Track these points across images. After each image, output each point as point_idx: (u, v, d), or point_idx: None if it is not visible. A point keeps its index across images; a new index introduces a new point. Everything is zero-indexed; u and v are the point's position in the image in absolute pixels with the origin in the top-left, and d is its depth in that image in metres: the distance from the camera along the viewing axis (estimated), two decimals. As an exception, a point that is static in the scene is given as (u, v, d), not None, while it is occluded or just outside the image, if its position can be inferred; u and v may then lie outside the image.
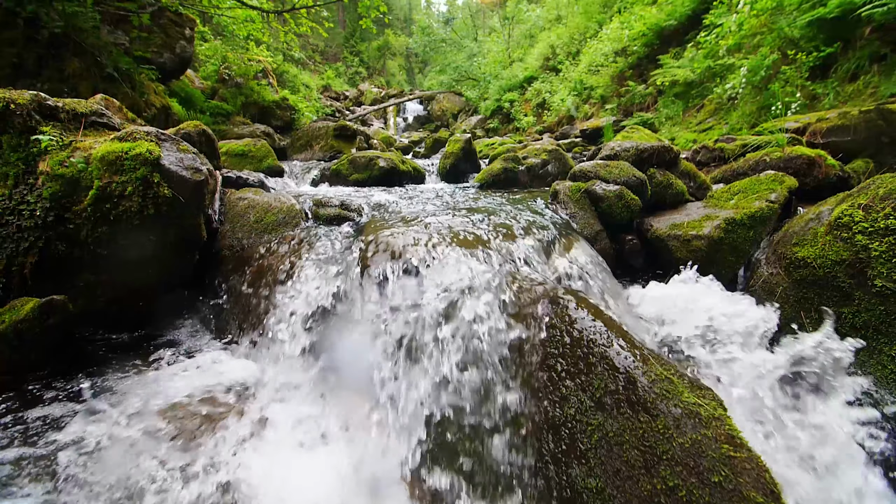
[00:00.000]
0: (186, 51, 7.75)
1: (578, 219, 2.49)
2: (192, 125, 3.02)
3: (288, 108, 10.49)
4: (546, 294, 1.22)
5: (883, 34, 4.80)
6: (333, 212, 2.63)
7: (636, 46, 9.52)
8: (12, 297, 1.85)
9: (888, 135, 3.01)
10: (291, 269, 2.05)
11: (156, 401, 1.62)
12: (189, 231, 2.14)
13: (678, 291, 2.02)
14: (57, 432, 1.49)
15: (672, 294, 2.01)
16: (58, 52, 5.26)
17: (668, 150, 2.81)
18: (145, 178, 1.88)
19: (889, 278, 1.66)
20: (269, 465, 1.37)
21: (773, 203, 2.30)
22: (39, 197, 1.84)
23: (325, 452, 1.49)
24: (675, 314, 1.88)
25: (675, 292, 2.02)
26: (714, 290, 2.01)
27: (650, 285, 2.14)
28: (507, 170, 4.24)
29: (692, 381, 0.96)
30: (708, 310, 1.85)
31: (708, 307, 1.86)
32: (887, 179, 1.88)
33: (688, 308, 1.88)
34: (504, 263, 1.83)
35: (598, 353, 1.00)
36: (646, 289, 2.11)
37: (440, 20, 31.66)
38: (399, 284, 1.67)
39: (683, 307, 1.89)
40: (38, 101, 1.92)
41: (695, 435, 0.84)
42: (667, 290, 2.06)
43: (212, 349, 2.05)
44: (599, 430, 0.93)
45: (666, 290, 2.07)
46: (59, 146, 1.88)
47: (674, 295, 2.00)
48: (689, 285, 2.04)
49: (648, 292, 2.08)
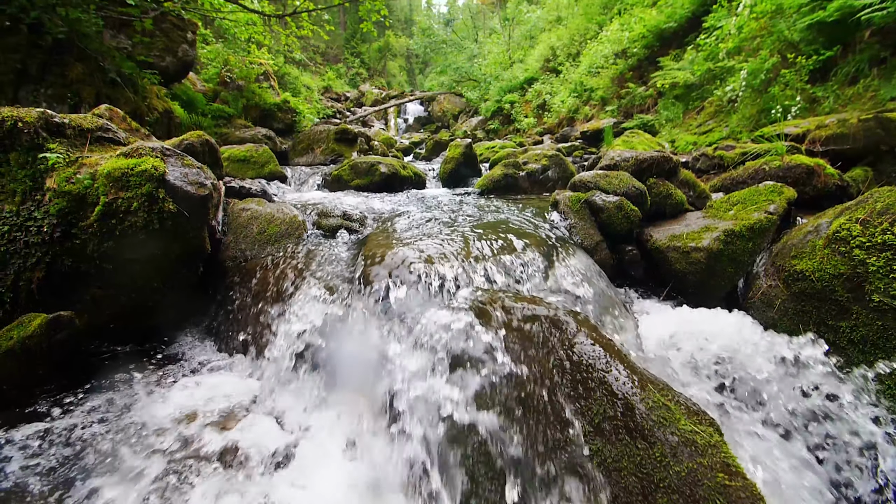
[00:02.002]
0: (188, 54, 7.77)
1: (578, 229, 2.51)
2: (195, 135, 3.04)
3: (289, 110, 10.50)
4: (546, 315, 1.25)
5: (882, 38, 4.81)
6: (336, 222, 2.65)
7: (636, 48, 9.52)
8: (19, 312, 1.87)
9: (887, 143, 3.03)
10: (294, 283, 2.07)
11: (159, 417, 1.65)
12: (193, 244, 2.16)
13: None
14: (65, 448, 1.52)
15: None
16: (61, 57, 5.29)
17: (667, 159, 2.83)
18: (150, 194, 1.91)
19: (886, 293, 1.68)
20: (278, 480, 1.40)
21: (772, 214, 2.32)
22: (46, 213, 1.87)
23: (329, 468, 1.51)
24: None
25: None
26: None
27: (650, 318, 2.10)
28: (507, 176, 4.26)
29: (689, 407, 0.98)
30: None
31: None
32: (885, 193, 1.89)
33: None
34: (504, 278, 1.85)
35: (596, 378, 1.02)
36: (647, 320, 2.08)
37: (441, 21, 31.68)
38: (400, 301, 1.69)
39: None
40: (46, 118, 1.95)
41: (691, 463, 0.86)
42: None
43: (214, 363, 2.08)
44: (598, 456, 0.95)
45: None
46: (65, 163, 1.91)
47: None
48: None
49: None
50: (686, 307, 2.20)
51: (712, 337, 1.85)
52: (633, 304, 2.29)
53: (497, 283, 1.83)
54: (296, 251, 2.33)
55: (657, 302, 2.33)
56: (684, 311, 2.18)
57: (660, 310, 2.26)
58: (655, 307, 2.26)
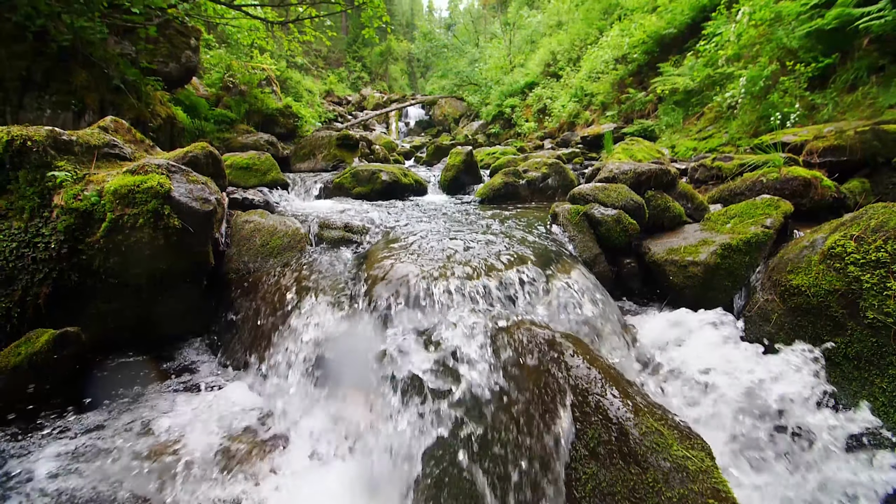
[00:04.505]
0: (192, 60, 7.83)
1: (577, 242, 2.54)
2: (198, 147, 3.08)
3: (291, 115, 10.57)
4: (544, 339, 1.27)
5: (880, 46, 4.84)
6: (338, 234, 2.68)
7: (636, 54, 9.57)
8: (26, 327, 1.91)
9: (883, 155, 3.05)
10: (297, 296, 2.10)
11: (162, 430, 1.68)
12: (198, 259, 2.20)
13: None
14: (76, 462, 1.55)
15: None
16: (66, 64, 5.33)
17: (665, 172, 2.85)
18: (156, 211, 1.94)
19: (880, 311, 1.70)
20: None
21: (769, 228, 2.34)
22: (54, 230, 1.90)
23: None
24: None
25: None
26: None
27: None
28: (507, 184, 4.29)
29: (682, 431, 1.01)
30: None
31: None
32: (879, 210, 1.92)
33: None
34: (503, 294, 1.88)
35: (592, 402, 1.05)
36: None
37: (442, 26, 31.81)
38: (402, 318, 1.73)
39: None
40: (54, 136, 1.99)
41: (682, 489, 0.89)
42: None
43: (218, 376, 2.11)
44: (593, 480, 0.98)
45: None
46: (73, 180, 1.95)
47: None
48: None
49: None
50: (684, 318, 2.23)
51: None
52: (631, 317, 2.31)
53: (495, 299, 1.86)
54: (298, 264, 2.36)
55: (655, 314, 2.35)
56: (682, 322, 2.21)
57: (657, 322, 2.28)
58: (653, 320, 2.28)
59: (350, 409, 1.69)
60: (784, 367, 1.83)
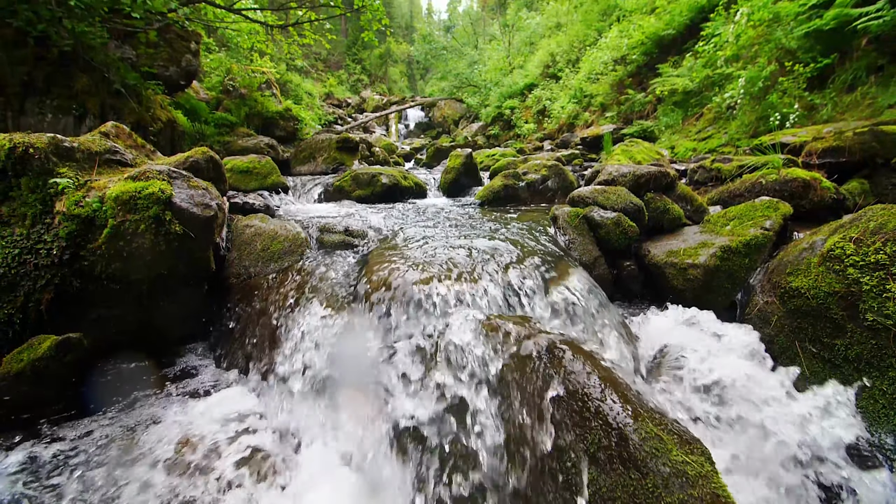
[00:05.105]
0: (192, 64, 7.85)
1: (577, 245, 2.54)
2: (199, 152, 3.09)
3: (291, 118, 10.60)
4: (544, 343, 1.28)
5: (879, 46, 4.85)
6: (338, 238, 2.69)
7: (635, 55, 9.59)
8: (28, 333, 1.92)
9: (882, 156, 3.06)
10: (297, 300, 2.11)
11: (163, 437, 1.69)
12: (199, 264, 2.21)
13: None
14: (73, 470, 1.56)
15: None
16: (67, 69, 5.35)
17: (664, 174, 2.86)
18: (157, 217, 1.95)
19: (880, 313, 1.70)
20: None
21: (769, 230, 2.35)
22: (56, 236, 1.91)
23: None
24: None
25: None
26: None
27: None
28: (507, 186, 4.30)
29: (681, 436, 1.01)
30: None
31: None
32: (878, 212, 1.92)
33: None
34: (503, 297, 1.89)
35: (592, 407, 1.06)
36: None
37: (441, 28, 31.88)
38: (401, 322, 1.73)
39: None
40: (56, 143, 2.00)
41: (682, 495, 0.89)
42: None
43: (218, 381, 2.11)
44: (593, 485, 0.98)
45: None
46: (75, 187, 1.96)
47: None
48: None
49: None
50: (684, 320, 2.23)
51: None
52: (632, 319, 2.31)
53: (495, 302, 1.87)
54: (299, 268, 2.37)
55: (655, 317, 2.35)
56: (682, 324, 2.22)
57: (657, 325, 2.28)
58: (653, 322, 2.29)
59: (351, 413, 1.69)
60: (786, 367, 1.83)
